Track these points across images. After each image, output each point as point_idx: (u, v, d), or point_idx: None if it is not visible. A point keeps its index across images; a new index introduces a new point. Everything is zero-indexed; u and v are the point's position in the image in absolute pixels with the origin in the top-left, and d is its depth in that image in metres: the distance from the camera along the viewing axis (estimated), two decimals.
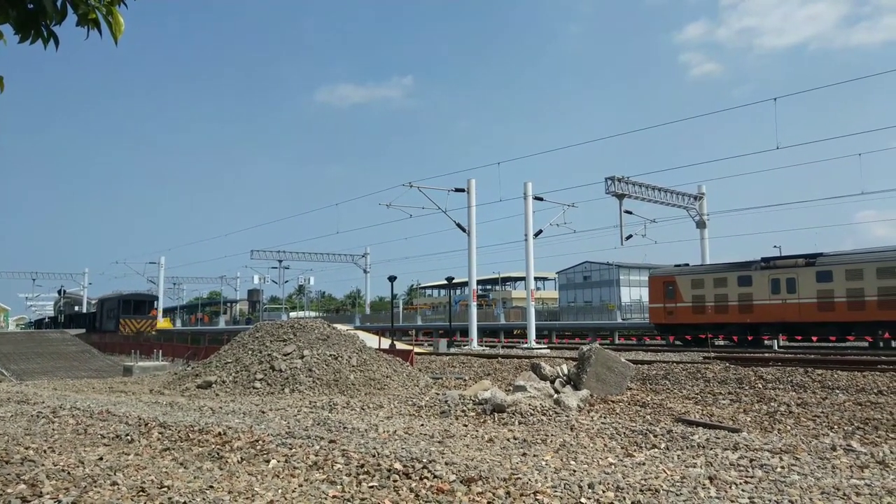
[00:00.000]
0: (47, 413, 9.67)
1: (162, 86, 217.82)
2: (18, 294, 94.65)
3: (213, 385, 15.00)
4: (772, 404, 11.04)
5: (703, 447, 7.07)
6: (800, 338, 27.39)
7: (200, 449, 6.68)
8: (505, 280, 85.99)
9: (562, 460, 6.40)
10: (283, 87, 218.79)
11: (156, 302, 57.91)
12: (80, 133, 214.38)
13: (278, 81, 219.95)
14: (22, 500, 4.54)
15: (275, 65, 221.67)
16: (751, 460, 6.25)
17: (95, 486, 4.94)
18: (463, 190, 32.76)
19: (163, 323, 75.36)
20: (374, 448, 6.51)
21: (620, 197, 32.00)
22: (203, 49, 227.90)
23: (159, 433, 7.67)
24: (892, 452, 6.81)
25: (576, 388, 12.18)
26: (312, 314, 78.69)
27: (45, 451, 6.48)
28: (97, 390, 17.01)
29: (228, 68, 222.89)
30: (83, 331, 50.78)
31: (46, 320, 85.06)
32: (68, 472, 5.41)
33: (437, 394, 12.15)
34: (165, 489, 4.85)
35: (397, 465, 5.58)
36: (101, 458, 6.12)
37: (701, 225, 35.84)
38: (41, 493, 4.74)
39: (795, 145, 63.59)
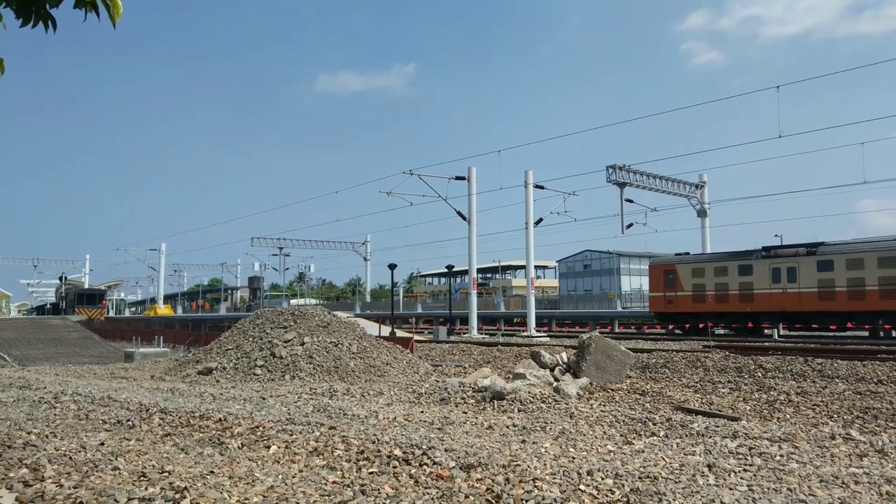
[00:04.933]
0: (49, 398, 9.70)
1: (162, 73, 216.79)
2: (20, 280, 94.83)
3: (214, 371, 15.05)
4: (771, 393, 11.06)
5: (703, 435, 7.09)
6: (799, 326, 27.43)
7: (201, 435, 6.70)
8: (505, 268, 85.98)
9: (561, 447, 6.42)
10: (283, 75, 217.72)
11: (105, 295, 72.30)
12: (80, 119, 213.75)
13: (279, 68, 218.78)
14: (24, 485, 4.56)
15: (275, 52, 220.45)
16: (750, 448, 6.27)
17: (97, 471, 4.96)
18: (463, 178, 32.65)
19: (164, 310, 75.66)
20: (374, 434, 6.53)
21: (621, 185, 31.88)
22: (203, 35, 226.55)
23: (160, 419, 7.70)
24: (891, 441, 6.83)
25: (575, 376, 12.21)
26: (313, 301, 78.79)
27: (47, 436, 6.50)
28: (99, 376, 17.07)
29: (228, 55, 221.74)
30: (84, 317, 54.71)
31: (48, 306, 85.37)
32: (70, 457, 5.43)
33: (437, 381, 12.18)
34: (166, 474, 4.87)
35: (397, 452, 5.60)
36: (102, 444, 6.15)
37: (702, 214, 35.75)
38: (43, 477, 4.75)
39: (797, 134, 63.20)
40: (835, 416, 9.29)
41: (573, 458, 5.86)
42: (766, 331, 28.40)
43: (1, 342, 33.29)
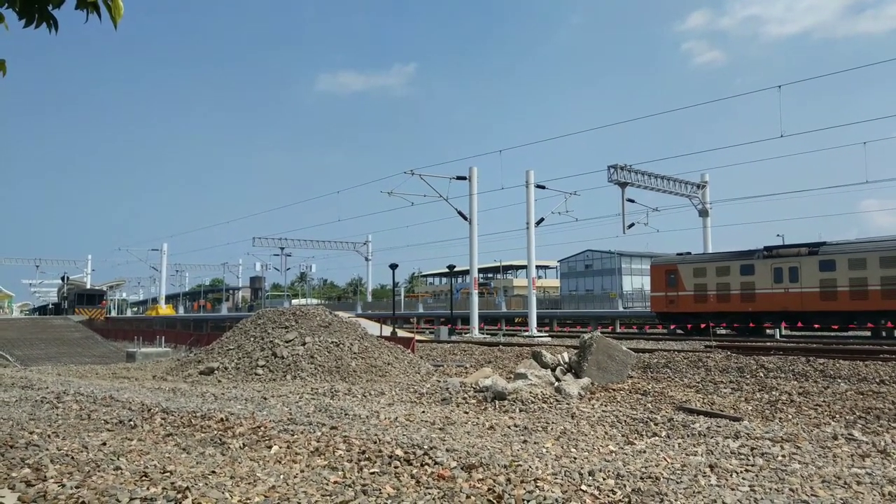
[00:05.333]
0: (51, 398, 9.72)
1: (163, 73, 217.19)
2: (22, 280, 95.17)
3: (216, 371, 15.06)
4: (773, 393, 11.04)
5: (704, 435, 7.09)
6: (801, 326, 27.39)
7: (203, 435, 6.71)
8: (506, 268, 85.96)
9: (562, 448, 6.41)
10: (284, 75, 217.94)
11: (105, 296, 74.94)
12: (81, 119, 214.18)
13: (280, 69, 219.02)
14: (26, 484, 4.57)
15: (276, 52, 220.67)
16: (752, 449, 6.26)
17: (99, 471, 4.97)
18: (465, 178, 32.64)
19: (165, 310, 75.83)
20: (376, 434, 6.53)
21: (623, 185, 31.86)
22: (203, 36, 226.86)
23: (162, 419, 7.71)
24: (893, 442, 6.81)
25: (577, 376, 12.20)
26: (314, 301, 78.83)
27: (49, 436, 6.51)
28: (101, 376, 17.09)
29: (229, 56, 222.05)
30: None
31: (50, 306, 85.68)
32: (72, 457, 5.44)
33: (439, 381, 12.18)
34: (168, 474, 4.88)
35: (398, 452, 5.60)
36: (104, 444, 6.15)
37: (703, 213, 35.71)
38: (45, 477, 4.76)
39: (800, 133, 63.03)
40: (837, 416, 9.27)
41: (575, 458, 5.86)
42: (767, 331, 28.36)
43: (3, 342, 33.34)
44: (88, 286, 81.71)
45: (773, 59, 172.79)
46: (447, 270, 41.24)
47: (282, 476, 4.94)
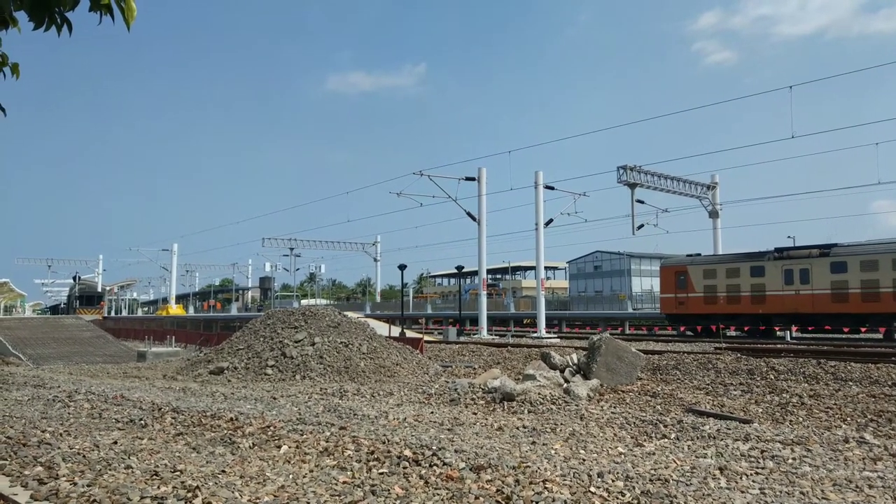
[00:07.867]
0: (63, 397, 9.80)
1: (174, 73, 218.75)
2: (34, 280, 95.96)
3: (226, 371, 15.14)
4: (784, 396, 10.97)
5: (714, 438, 7.05)
6: (812, 329, 27.16)
7: (213, 434, 6.75)
8: (515, 269, 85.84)
9: (571, 449, 6.40)
10: (294, 75, 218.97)
11: (103, 297, 79.91)
12: (94, 121, 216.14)
13: (290, 69, 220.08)
14: (39, 482, 4.62)
15: (286, 52, 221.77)
16: (762, 451, 6.23)
17: (110, 470, 5.01)
18: (474, 179, 32.64)
19: (176, 309, 76.30)
20: (385, 435, 6.54)
21: (632, 186, 31.72)
22: (212, 36, 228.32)
23: (172, 418, 7.76)
24: None
25: (586, 377, 12.17)
26: (323, 302, 79.05)
27: (61, 435, 6.57)
28: (112, 375, 17.22)
29: (238, 56, 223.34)
30: (98, 316, 57.25)
31: (62, 306, 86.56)
32: (84, 456, 5.49)
33: (447, 382, 12.18)
34: (178, 473, 4.91)
35: (407, 452, 5.61)
36: (115, 442, 6.20)
37: (713, 215, 35.50)
38: (57, 475, 4.81)
39: (811, 134, 62.52)
40: (848, 419, 9.20)
41: (583, 459, 5.84)
42: (778, 333, 28.16)
43: (16, 341, 33.66)
44: (99, 287, 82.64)
45: (785, 59, 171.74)
46: (456, 271, 41.28)
47: (291, 476, 4.97)
